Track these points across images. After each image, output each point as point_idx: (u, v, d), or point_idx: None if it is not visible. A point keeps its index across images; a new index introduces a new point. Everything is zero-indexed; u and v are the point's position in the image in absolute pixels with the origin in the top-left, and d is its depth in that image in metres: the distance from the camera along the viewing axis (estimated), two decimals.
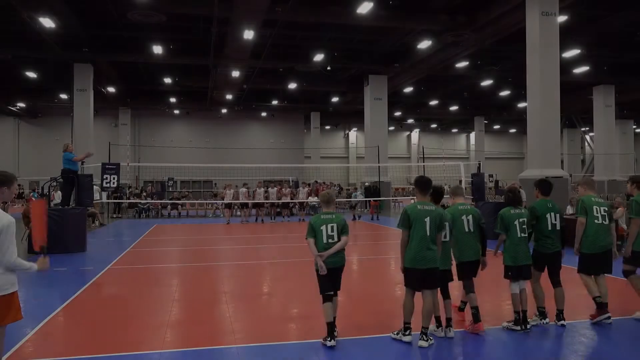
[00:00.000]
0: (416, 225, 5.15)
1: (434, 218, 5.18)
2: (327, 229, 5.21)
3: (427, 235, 5.13)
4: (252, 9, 15.86)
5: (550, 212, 5.90)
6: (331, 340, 5.13)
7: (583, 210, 6.02)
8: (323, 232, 5.20)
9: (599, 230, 5.95)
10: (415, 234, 5.15)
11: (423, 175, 5.86)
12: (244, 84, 28.34)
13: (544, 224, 5.87)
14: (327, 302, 5.21)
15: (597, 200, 6.11)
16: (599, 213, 5.99)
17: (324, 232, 5.20)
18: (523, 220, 5.77)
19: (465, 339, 5.51)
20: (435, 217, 5.20)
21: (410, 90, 31.88)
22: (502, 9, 16.65)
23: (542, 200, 6.05)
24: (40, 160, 35.33)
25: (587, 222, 5.96)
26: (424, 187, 5.38)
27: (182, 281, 8.77)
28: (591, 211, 5.98)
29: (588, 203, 6.03)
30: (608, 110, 28.21)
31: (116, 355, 4.95)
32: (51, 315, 6.36)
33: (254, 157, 35.88)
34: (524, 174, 15.62)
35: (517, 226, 5.71)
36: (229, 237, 15.97)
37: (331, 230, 5.21)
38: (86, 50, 21.67)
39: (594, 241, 5.94)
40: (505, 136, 50.66)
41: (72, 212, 12.17)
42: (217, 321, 6.21)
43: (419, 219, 5.15)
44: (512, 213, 5.78)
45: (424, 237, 5.13)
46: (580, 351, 5.10)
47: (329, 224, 5.23)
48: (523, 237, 5.73)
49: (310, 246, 5.26)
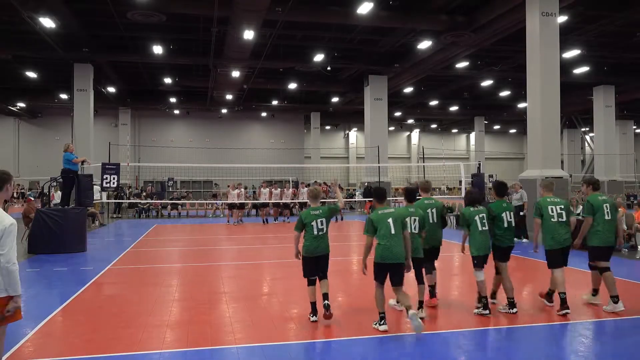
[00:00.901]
0: (381, 228, 5.71)
1: (396, 218, 5.79)
2: (317, 224, 5.99)
3: (393, 234, 5.69)
4: (252, 9, 15.85)
5: (505, 211, 6.59)
6: (314, 316, 5.97)
7: (538, 211, 6.59)
8: (314, 227, 5.98)
9: (556, 227, 6.46)
10: (381, 235, 5.70)
11: (379, 186, 6.67)
12: (244, 84, 28.34)
13: (500, 222, 6.56)
14: (310, 286, 6.03)
15: (552, 200, 6.60)
16: (555, 212, 6.49)
17: (315, 226, 5.99)
18: (483, 215, 6.52)
19: (466, 340, 5.51)
20: (396, 217, 5.82)
21: (410, 91, 31.88)
22: (502, 9, 16.65)
23: (498, 201, 6.76)
24: (41, 160, 35.34)
25: (544, 221, 6.52)
26: (382, 197, 6.08)
27: (182, 281, 8.77)
28: (546, 211, 6.51)
29: (543, 204, 6.57)
30: (608, 111, 28.20)
31: (116, 355, 4.95)
32: (51, 315, 6.36)
33: (254, 157, 35.88)
34: (524, 174, 15.62)
35: (478, 221, 6.47)
36: (229, 237, 15.97)
37: (320, 224, 6.01)
38: (86, 50, 21.67)
39: (553, 238, 6.46)
40: (505, 136, 50.66)
41: (72, 212, 12.17)
42: (217, 321, 6.20)
43: (383, 221, 5.73)
44: (472, 211, 6.56)
45: (390, 236, 5.68)
46: (580, 351, 5.10)
47: (318, 219, 6.01)
48: (484, 230, 6.49)
49: (294, 238, 6.10)
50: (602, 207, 6.63)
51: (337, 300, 7.20)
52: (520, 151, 49.44)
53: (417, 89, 31.94)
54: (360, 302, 7.09)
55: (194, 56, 23.49)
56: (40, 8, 16.27)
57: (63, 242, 11.69)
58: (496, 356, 5.07)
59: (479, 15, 17.87)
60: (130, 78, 29.48)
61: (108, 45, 22.38)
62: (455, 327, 5.99)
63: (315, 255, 6.03)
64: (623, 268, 9.82)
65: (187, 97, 33.96)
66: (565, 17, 17.07)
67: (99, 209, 20.22)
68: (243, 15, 16.35)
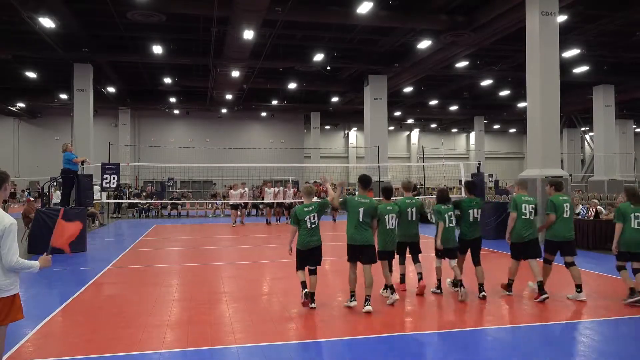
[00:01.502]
0: (351, 213, 6.58)
1: (367, 209, 6.55)
2: (310, 219, 6.54)
3: (361, 221, 6.51)
4: (252, 9, 15.85)
5: (473, 207, 7.44)
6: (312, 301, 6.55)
7: (514, 206, 7.28)
8: (307, 221, 6.53)
9: (524, 224, 7.19)
10: (351, 219, 6.58)
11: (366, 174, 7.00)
12: (244, 84, 28.34)
13: (467, 217, 7.41)
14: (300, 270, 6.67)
15: (526, 199, 7.32)
16: (527, 210, 7.22)
17: (308, 221, 6.54)
18: (451, 213, 7.38)
19: (467, 341, 5.52)
20: (368, 208, 6.57)
21: (410, 90, 31.88)
22: (502, 8, 16.64)
23: (467, 198, 7.66)
24: (40, 160, 35.36)
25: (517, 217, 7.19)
26: (366, 184, 6.81)
27: (182, 281, 8.77)
28: (521, 208, 7.21)
29: (519, 201, 7.28)
30: (608, 110, 28.19)
31: (116, 355, 4.95)
32: (51, 315, 6.36)
33: (254, 157, 35.88)
34: (524, 174, 15.61)
35: (447, 218, 7.30)
36: (229, 237, 15.97)
37: (313, 219, 6.57)
38: (86, 50, 21.66)
39: (519, 233, 7.20)
40: (505, 136, 50.66)
41: (72, 212, 12.17)
42: (217, 321, 6.21)
43: (354, 208, 6.55)
44: (443, 208, 7.38)
45: (358, 222, 6.51)
46: (580, 351, 5.11)
47: (311, 214, 6.55)
48: (451, 226, 7.34)
49: (291, 231, 6.77)
50: (563, 205, 7.23)
51: (337, 300, 7.21)
52: (520, 151, 49.44)
53: (417, 89, 31.93)
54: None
55: (194, 56, 23.48)
56: (40, 8, 16.26)
57: None
58: (496, 356, 5.08)
59: (478, 15, 17.87)
60: (130, 78, 29.47)
61: (108, 45, 22.37)
62: (456, 326, 6.00)
63: (309, 247, 6.59)
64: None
65: (187, 97, 33.96)
66: (565, 16, 17.07)
67: (99, 209, 20.22)
68: (243, 15, 16.34)
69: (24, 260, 3.71)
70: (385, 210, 7.04)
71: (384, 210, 7.06)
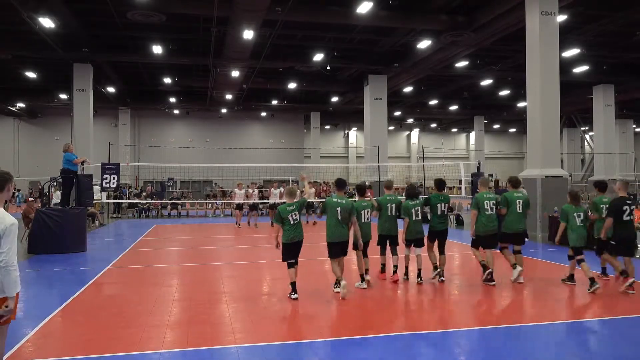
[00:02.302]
0: (330, 213, 7.33)
1: (344, 208, 7.32)
2: (292, 216, 7.25)
3: (339, 220, 7.29)
4: (252, 9, 15.85)
5: (441, 202, 8.44)
6: (294, 294, 7.12)
7: (476, 204, 8.13)
8: (290, 218, 7.22)
9: (488, 218, 8.06)
10: (330, 218, 7.34)
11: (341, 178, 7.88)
12: (243, 84, 28.34)
13: (436, 211, 8.39)
14: (291, 268, 7.24)
15: (488, 196, 8.18)
16: (488, 206, 8.07)
17: (291, 218, 7.23)
18: (418, 208, 8.31)
19: (468, 339, 5.52)
20: (344, 207, 7.35)
21: (410, 90, 31.89)
22: (502, 8, 16.64)
23: (435, 194, 8.64)
24: (40, 161, 35.35)
25: (480, 213, 8.05)
26: (341, 186, 7.77)
27: (182, 281, 8.77)
28: (482, 205, 8.06)
29: (480, 199, 8.13)
30: (608, 110, 28.19)
31: (116, 355, 4.95)
32: (51, 315, 6.36)
33: (254, 157, 35.88)
34: (523, 174, 15.61)
35: (413, 213, 8.21)
36: (229, 238, 15.97)
37: (295, 216, 7.27)
38: (86, 50, 21.67)
39: (484, 226, 8.06)
40: (505, 136, 50.66)
41: (72, 212, 12.17)
42: (217, 321, 6.21)
43: (332, 208, 7.32)
44: (410, 204, 8.28)
45: (337, 221, 7.30)
46: (580, 351, 5.11)
47: (292, 212, 7.24)
48: (417, 220, 8.29)
49: (275, 229, 7.54)
50: (515, 202, 8.13)
51: (337, 299, 7.21)
52: (520, 150, 49.44)
53: (417, 89, 31.93)
54: (361, 302, 7.10)
55: (194, 56, 23.48)
56: (40, 8, 16.27)
57: (63, 242, 11.68)
58: (496, 356, 5.08)
59: (478, 15, 17.87)
60: (130, 78, 29.47)
61: (108, 45, 22.37)
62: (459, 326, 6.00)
63: (294, 241, 7.26)
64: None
65: (187, 97, 33.96)
66: (565, 16, 17.07)
67: (99, 209, 20.22)
68: (243, 15, 16.34)
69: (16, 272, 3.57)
70: (361, 206, 8.02)
71: (360, 206, 8.00)
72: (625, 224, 7.58)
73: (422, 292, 7.82)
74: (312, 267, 9.70)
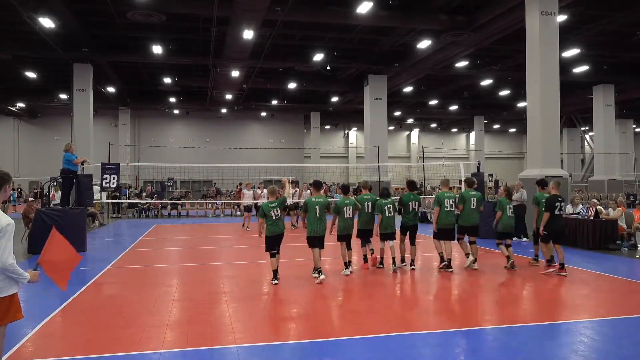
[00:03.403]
0: (311, 211, 8.46)
1: (321, 206, 8.48)
2: (274, 212, 8.21)
3: (318, 216, 8.42)
4: (252, 9, 15.85)
5: (412, 200, 9.51)
6: (275, 280, 8.18)
7: (437, 202, 9.37)
8: (272, 214, 8.20)
9: (447, 214, 9.29)
10: (310, 215, 8.48)
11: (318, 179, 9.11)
12: (243, 84, 28.35)
13: (407, 208, 9.52)
14: (272, 258, 8.28)
15: (448, 195, 9.37)
16: (448, 204, 9.28)
17: (273, 214, 8.20)
18: (390, 206, 9.40)
19: (466, 339, 5.52)
20: (322, 205, 8.50)
21: (410, 90, 31.89)
22: (502, 8, 16.66)
23: (408, 193, 9.68)
24: (40, 161, 35.37)
25: (440, 209, 9.28)
26: (318, 186, 8.99)
27: (182, 281, 8.77)
28: (443, 203, 9.28)
29: (441, 197, 9.35)
30: (608, 110, 28.20)
31: (116, 355, 4.95)
32: (51, 315, 6.36)
33: (254, 157, 35.90)
34: (524, 174, 15.62)
35: (386, 209, 9.34)
36: (229, 238, 15.97)
37: (276, 212, 8.26)
38: (86, 50, 21.68)
39: (443, 221, 9.27)
40: (505, 136, 50.67)
41: (72, 212, 12.16)
42: (217, 321, 6.20)
43: (312, 207, 8.44)
44: (383, 202, 9.39)
45: (315, 217, 8.43)
46: (580, 351, 5.11)
47: (274, 209, 8.24)
48: (390, 216, 9.37)
49: (259, 223, 8.81)
50: (470, 199, 9.36)
51: (337, 299, 7.21)
52: (520, 150, 49.45)
53: (417, 89, 31.94)
54: (361, 302, 7.10)
55: (194, 56, 23.49)
56: (40, 8, 16.27)
57: None
58: (496, 356, 5.08)
59: (478, 15, 17.88)
60: (130, 78, 29.48)
61: (108, 45, 22.38)
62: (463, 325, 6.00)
63: (275, 234, 8.26)
64: (623, 267, 9.84)
65: (187, 97, 33.97)
66: (565, 16, 17.08)
67: (99, 209, 20.22)
68: (243, 15, 16.35)
69: (18, 267, 3.64)
70: (344, 204, 9.04)
71: (342, 203, 9.04)
72: (556, 217, 8.93)
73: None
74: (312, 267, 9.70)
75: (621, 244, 11.75)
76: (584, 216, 12.13)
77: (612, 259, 10.63)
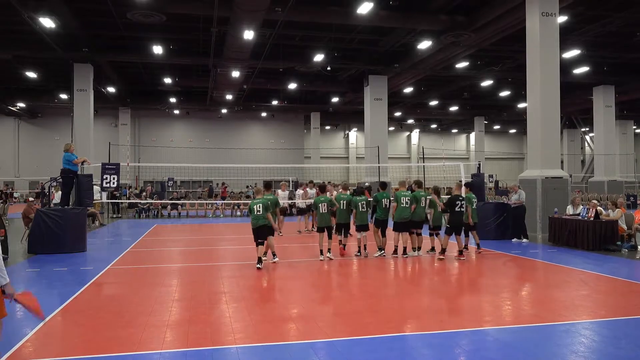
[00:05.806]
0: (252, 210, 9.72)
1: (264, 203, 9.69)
2: (257, 208, 9.65)
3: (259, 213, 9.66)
4: (252, 9, 15.86)
5: (384, 198, 11.06)
6: (259, 264, 9.51)
7: (396, 199, 10.74)
8: (254, 209, 9.63)
9: (403, 210, 10.70)
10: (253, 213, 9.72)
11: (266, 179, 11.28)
12: (244, 84, 28.35)
13: (381, 205, 11.04)
14: (258, 246, 9.68)
15: (404, 194, 10.89)
16: (404, 200, 10.72)
17: (255, 209, 9.63)
18: (364, 202, 10.92)
19: (468, 338, 5.51)
20: (264, 202, 9.70)
21: (410, 91, 31.90)
22: (502, 9, 16.65)
23: (381, 192, 11.22)
24: (40, 161, 35.39)
25: (398, 206, 10.68)
26: (267, 186, 10.40)
27: (182, 281, 8.76)
28: (400, 200, 10.71)
29: (399, 195, 10.81)
30: (608, 111, 28.19)
31: (116, 355, 4.95)
32: (51, 315, 6.36)
33: (254, 157, 35.90)
34: (524, 174, 15.62)
35: (360, 205, 10.83)
36: (229, 238, 15.96)
37: (259, 208, 9.62)
38: (86, 50, 21.68)
39: (399, 215, 10.71)
40: (505, 136, 50.68)
41: (72, 212, 12.16)
42: (217, 321, 6.20)
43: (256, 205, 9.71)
44: (357, 199, 10.90)
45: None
46: (580, 351, 5.10)
47: (257, 205, 9.65)
48: (363, 211, 10.91)
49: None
50: (401, 198, 10.75)
51: (337, 300, 7.21)
52: (520, 151, 49.46)
53: (417, 89, 31.95)
54: (361, 303, 7.10)
55: (194, 56, 23.50)
56: (40, 8, 16.28)
57: (63, 242, 11.68)
58: (497, 356, 5.08)
59: (479, 15, 17.88)
60: (130, 78, 29.50)
61: (108, 45, 22.39)
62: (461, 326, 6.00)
63: (257, 226, 9.65)
64: (624, 268, 9.83)
65: (187, 97, 33.98)
66: (565, 17, 17.08)
67: (99, 209, 20.21)
68: (243, 15, 16.35)
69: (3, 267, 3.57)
70: (319, 201, 10.65)
71: (319, 201, 10.66)
72: (457, 214, 10.62)
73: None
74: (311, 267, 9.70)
75: (621, 245, 11.74)
76: (584, 217, 12.12)
77: (612, 260, 10.62)
